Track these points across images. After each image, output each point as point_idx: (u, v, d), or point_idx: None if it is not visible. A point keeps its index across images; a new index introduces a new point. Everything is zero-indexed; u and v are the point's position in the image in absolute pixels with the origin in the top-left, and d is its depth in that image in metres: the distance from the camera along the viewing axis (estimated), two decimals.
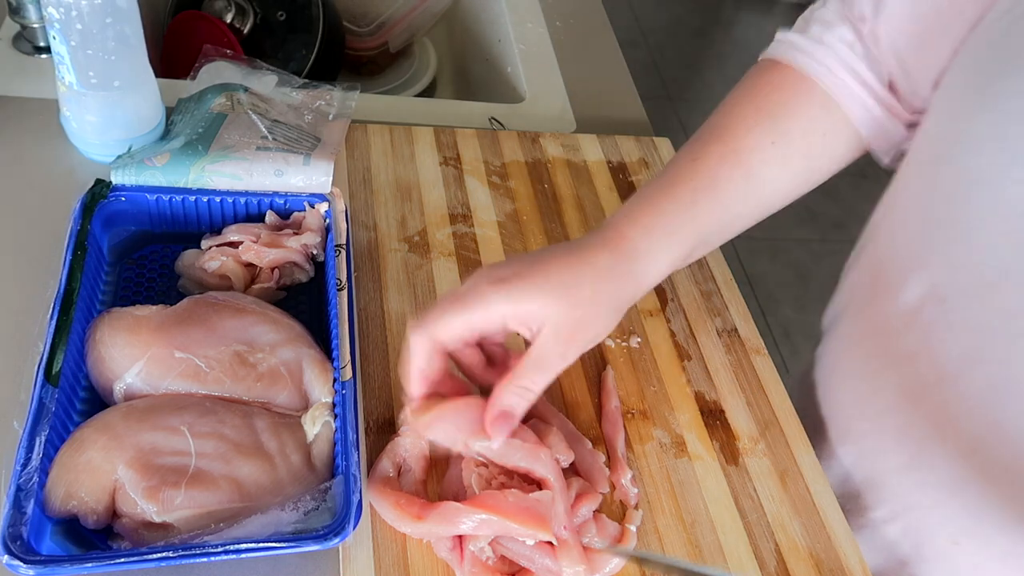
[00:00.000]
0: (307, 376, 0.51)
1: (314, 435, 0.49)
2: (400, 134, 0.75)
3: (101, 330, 0.50)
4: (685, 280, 0.69)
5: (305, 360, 0.52)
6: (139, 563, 0.41)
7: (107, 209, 0.57)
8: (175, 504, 0.43)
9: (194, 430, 0.46)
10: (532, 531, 0.46)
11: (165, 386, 0.49)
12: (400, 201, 0.69)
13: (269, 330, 0.52)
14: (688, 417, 0.59)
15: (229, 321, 0.52)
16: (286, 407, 0.51)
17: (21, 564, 0.39)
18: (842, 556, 0.54)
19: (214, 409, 0.48)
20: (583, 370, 0.60)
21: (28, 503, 0.42)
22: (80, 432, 0.46)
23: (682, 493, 0.55)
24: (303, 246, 0.59)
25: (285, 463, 0.47)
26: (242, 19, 0.95)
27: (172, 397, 0.49)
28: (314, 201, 0.61)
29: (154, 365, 0.49)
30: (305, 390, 0.51)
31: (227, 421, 0.47)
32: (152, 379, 0.49)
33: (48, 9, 0.56)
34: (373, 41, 1.08)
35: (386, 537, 0.48)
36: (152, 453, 0.45)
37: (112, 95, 0.61)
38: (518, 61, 0.91)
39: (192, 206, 0.60)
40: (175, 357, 0.49)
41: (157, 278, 0.58)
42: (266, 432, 0.48)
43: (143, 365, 0.49)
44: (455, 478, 0.50)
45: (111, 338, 0.49)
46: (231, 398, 0.50)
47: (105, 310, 0.52)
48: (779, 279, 2.15)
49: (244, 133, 0.64)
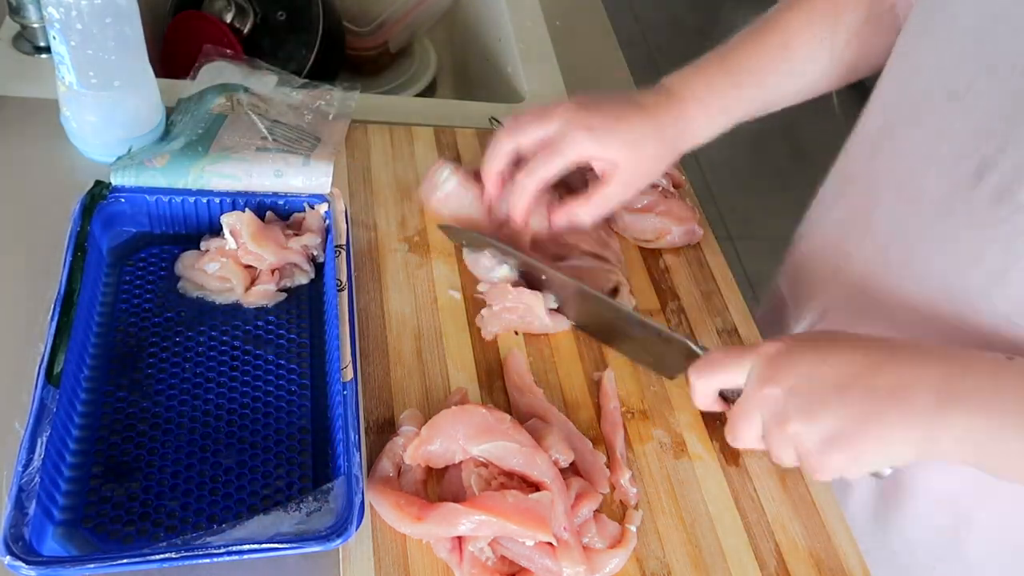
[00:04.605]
0: None
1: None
2: (400, 134, 0.75)
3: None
4: (685, 280, 0.69)
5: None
6: (141, 564, 0.41)
7: (107, 210, 0.57)
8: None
9: None
10: (532, 532, 0.46)
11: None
12: (400, 201, 0.69)
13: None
14: (688, 417, 0.59)
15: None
16: None
17: (23, 565, 0.39)
18: (842, 556, 0.54)
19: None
20: (583, 370, 0.60)
21: (30, 504, 0.42)
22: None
23: (682, 493, 0.55)
24: (303, 247, 0.59)
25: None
26: (242, 19, 0.94)
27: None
28: (314, 202, 0.61)
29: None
30: None
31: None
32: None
33: (48, 9, 0.56)
34: (373, 41, 1.08)
35: (386, 537, 0.48)
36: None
37: (112, 95, 0.61)
38: (518, 61, 0.91)
39: (192, 207, 0.60)
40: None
41: (157, 280, 0.58)
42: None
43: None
44: (455, 479, 0.50)
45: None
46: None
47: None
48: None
49: (244, 134, 0.64)
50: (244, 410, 0.52)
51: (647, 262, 0.70)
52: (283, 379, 0.54)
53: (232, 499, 0.48)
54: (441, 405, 0.54)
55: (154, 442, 0.49)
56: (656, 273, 0.70)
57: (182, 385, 0.53)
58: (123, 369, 0.52)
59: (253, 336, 0.56)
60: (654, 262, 0.71)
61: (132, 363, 0.53)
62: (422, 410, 0.54)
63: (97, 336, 0.54)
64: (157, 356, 0.54)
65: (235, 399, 0.53)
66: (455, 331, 0.60)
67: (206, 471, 0.49)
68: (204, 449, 0.50)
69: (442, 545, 0.47)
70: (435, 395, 0.56)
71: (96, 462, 0.48)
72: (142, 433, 0.50)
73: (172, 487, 0.48)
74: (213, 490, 0.48)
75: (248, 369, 0.54)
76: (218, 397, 0.52)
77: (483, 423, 0.50)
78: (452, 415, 0.50)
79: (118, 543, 0.45)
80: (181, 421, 0.51)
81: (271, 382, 0.54)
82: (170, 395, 0.52)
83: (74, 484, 0.46)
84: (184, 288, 0.58)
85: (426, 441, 0.50)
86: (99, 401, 0.50)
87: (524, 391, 0.57)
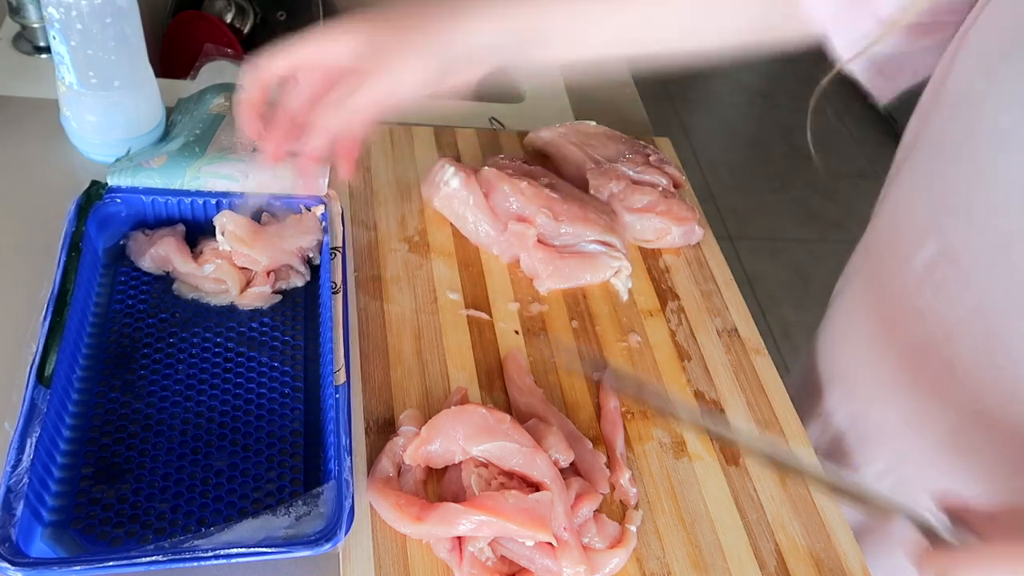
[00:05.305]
0: None
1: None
2: (400, 134, 0.75)
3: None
4: (685, 280, 0.69)
5: None
6: (128, 566, 0.41)
7: (102, 211, 0.57)
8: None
9: None
10: (532, 532, 0.46)
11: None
12: (400, 201, 0.69)
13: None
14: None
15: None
16: None
17: (9, 567, 0.39)
18: (842, 556, 0.54)
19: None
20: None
21: (17, 505, 0.41)
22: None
23: (682, 493, 0.54)
24: (299, 249, 0.59)
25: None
26: (242, 19, 0.95)
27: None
28: (310, 204, 0.61)
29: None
30: None
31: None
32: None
33: (48, 9, 0.56)
34: None
35: (386, 537, 0.48)
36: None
37: (112, 95, 0.61)
38: None
39: (188, 208, 0.60)
40: None
41: (152, 280, 0.58)
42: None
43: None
44: (455, 479, 0.50)
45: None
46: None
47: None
48: (779, 279, 2.14)
49: (242, 134, 0.64)
50: (236, 412, 0.52)
51: (647, 262, 0.70)
52: (276, 382, 0.54)
53: (223, 502, 0.47)
54: (441, 405, 0.54)
55: (145, 444, 0.49)
56: (656, 273, 0.69)
57: (175, 387, 0.52)
58: (116, 370, 0.52)
59: (247, 338, 0.56)
60: (654, 262, 0.70)
61: (125, 364, 0.53)
62: (422, 410, 0.54)
63: (90, 336, 0.53)
64: (150, 357, 0.53)
65: (228, 401, 0.52)
66: (455, 331, 0.60)
67: (197, 473, 0.48)
68: (196, 451, 0.49)
69: (442, 545, 0.47)
70: (435, 395, 0.56)
71: (86, 463, 0.48)
72: (133, 434, 0.49)
73: (163, 489, 0.47)
74: (204, 492, 0.48)
75: (242, 371, 0.54)
76: (211, 399, 0.52)
77: (483, 423, 0.50)
78: (452, 415, 0.50)
79: (107, 545, 0.44)
80: (173, 423, 0.50)
81: (264, 384, 0.54)
82: (163, 396, 0.52)
83: (64, 485, 0.46)
84: (179, 289, 0.58)
85: (426, 441, 0.50)
86: (91, 402, 0.50)
87: (524, 391, 0.57)
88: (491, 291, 0.64)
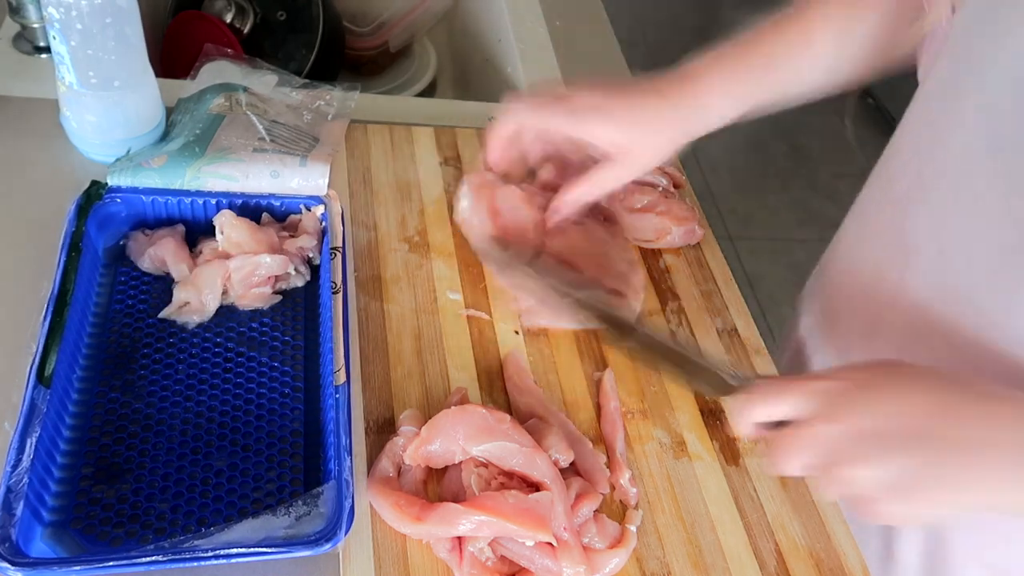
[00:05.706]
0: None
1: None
2: (400, 134, 0.75)
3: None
4: (685, 280, 0.69)
5: None
6: (127, 566, 0.41)
7: (102, 211, 0.57)
8: None
9: None
10: (531, 532, 0.46)
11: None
12: (400, 201, 0.69)
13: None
14: (688, 417, 0.59)
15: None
16: None
17: (9, 567, 0.39)
18: (842, 556, 0.54)
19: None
20: (583, 371, 0.60)
21: (17, 505, 0.41)
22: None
23: (682, 493, 0.54)
24: (299, 249, 0.59)
25: None
26: (242, 19, 0.95)
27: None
28: (310, 203, 0.61)
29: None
30: None
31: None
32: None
33: (48, 9, 0.56)
34: (373, 41, 1.08)
35: (386, 537, 0.48)
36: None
37: (112, 95, 0.61)
38: (518, 61, 0.91)
39: (188, 208, 0.60)
40: None
41: (152, 280, 0.58)
42: None
43: None
44: (455, 479, 0.50)
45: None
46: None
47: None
48: (779, 279, 2.14)
49: (242, 134, 0.64)
50: (236, 412, 0.52)
51: (647, 262, 0.70)
52: (276, 382, 0.54)
53: (223, 502, 0.47)
54: (441, 405, 0.54)
55: (145, 444, 0.49)
56: (656, 273, 0.69)
57: (175, 387, 0.52)
58: (116, 370, 0.52)
59: (247, 338, 0.56)
60: (654, 262, 0.70)
61: (125, 364, 0.53)
62: (422, 410, 0.54)
63: (90, 336, 0.53)
64: (150, 357, 0.53)
65: (228, 401, 0.52)
66: (455, 331, 0.60)
67: (197, 473, 0.48)
68: (196, 451, 0.49)
69: (442, 545, 0.47)
70: (435, 395, 0.56)
71: (87, 463, 0.48)
72: (133, 434, 0.49)
73: (163, 489, 0.47)
74: (204, 492, 0.48)
75: (241, 371, 0.54)
76: (211, 399, 0.52)
77: (483, 423, 0.50)
78: (452, 415, 0.50)
79: (106, 545, 0.44)
80: (173, 423, 0.50)
81: (264, 384, 0.54)
82: (163, 396, 0.52)
83: (64, 485, 0.46)
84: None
85: (426, 441, 0.50)
86: (91, 402, 0.50)
87: (524, 391, 0.57)
88: (491, 291, 0.64)
